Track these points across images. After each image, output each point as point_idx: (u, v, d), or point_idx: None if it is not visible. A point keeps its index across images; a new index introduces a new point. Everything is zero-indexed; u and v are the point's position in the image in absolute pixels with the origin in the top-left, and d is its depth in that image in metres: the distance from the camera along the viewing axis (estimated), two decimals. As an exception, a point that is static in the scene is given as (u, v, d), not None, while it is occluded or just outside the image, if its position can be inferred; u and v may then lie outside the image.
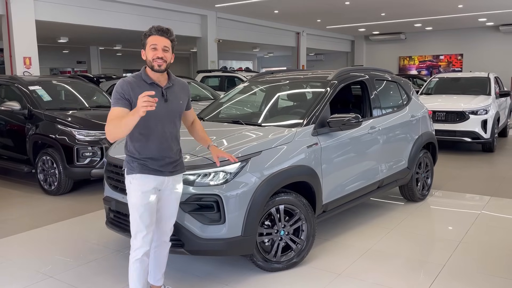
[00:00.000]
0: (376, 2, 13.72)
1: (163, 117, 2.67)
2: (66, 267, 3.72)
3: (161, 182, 2.72)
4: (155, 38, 2.61)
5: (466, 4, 14.27)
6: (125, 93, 2.59)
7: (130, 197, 2.72)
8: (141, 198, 2.67)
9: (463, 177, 6.80)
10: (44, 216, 5.15)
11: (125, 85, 2.61)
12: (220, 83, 12.08)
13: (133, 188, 2.69)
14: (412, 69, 22.90)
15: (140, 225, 2.68)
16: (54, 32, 14.31)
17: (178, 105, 2.77)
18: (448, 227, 4.60)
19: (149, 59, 2.62)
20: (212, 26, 15.11)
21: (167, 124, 2.71)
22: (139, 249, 2.71)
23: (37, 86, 6.67)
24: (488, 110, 8.45)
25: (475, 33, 20.44)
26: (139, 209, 2.67)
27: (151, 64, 2.63)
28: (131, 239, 2.74)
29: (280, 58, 27.99)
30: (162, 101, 2.66)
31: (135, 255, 2.72)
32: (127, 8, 12.51)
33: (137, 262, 2.72)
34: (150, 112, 2.48)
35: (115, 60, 26.05)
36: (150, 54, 2.61)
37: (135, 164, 2.68)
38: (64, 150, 5.80)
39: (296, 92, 4.80)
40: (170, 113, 2.71)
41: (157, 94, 2.54)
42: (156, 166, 2.69)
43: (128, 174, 2.72)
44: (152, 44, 2.61)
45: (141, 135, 2.66)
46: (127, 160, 2.73)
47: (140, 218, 2.67)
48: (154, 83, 2.66)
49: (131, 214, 2.72)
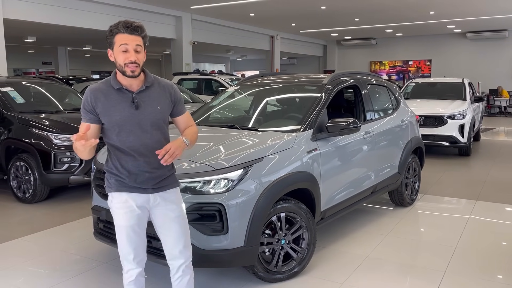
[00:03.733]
0: (352, 7, 13.85)
1: (134, 127, 2.31)
2: (50, 283, 3.45)
3: (145, 200, 2.40)
4: (124, 37, 2.22)
5: (437, 11, 14.63)
6: (89, 105, 2.31)
7: (114, 218, 2.43)
8: (125, 219, 2.37)
9: (446, 181, 6.88)
10: (19, 226, 4.83)
11: (89, 95, 2.32)
12: (197, 86, 11.86)
13: (115, 208, 2.40)
14: (383, 74, 23.31)
15: (127, 247, 2.40)
16: (22, 31, 13.68)
17: (154, 111, 2.35)
18: (440, 232, 4.60)
19: (120, 63, 2.25)
20: (187, 28, 14.87)
21: (140, 135, 2.33)
22: (132, 270, 2.45)
23: (9, 87, 6.28)
24: (465, 115, 8.62)
25: (443, 39, 21.03)
26: (124, 230, 2.38)
27: (122, 69, 2.27)
28: (121, 260, 2.47)
29: (253, 61, 27.96)
30: (132, 108, 2.31)
31: (129, 277, 2.46)
32: (100, 8, 12.11)
33: (131, 284, 2.46)
34: (118, 123, 2.30)
35: (84, 61, 25.28)
36: (121, 58, 2.24)
37: (113, 181, 2.39)
38: (40, 155, 5.47)
39: (291, 96, 4.69)
40: (143, 121, 2.32)
41: (126, 100, 2.32)
42: (134, 183, 2.37)
43: (107, 192, 2.44)
44: (122, 44, 2.23)
45: (114, 148, 2.37)
46: (106, 177, 2.44)
47: (127, 240, 2.39)
48: (122, 88, 2.32)
49: (117, 235, 2.42)
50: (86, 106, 2.33)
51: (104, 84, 2.36)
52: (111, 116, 2.31)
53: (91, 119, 2.32)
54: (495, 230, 4.69)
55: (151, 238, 3.02)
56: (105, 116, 2.32)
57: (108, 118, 2.31)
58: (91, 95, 2.33)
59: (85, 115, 2.33)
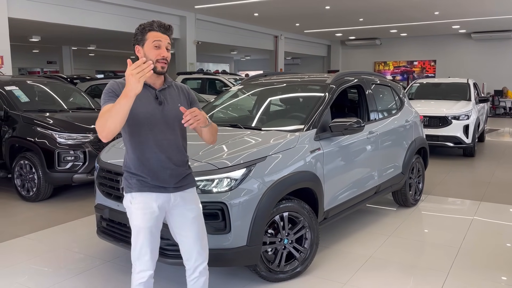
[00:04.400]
0: (356, 7, 13.82)
1: (158, 122, 2.34)
2: (54, 281, 3.46)
3: (166, 200, 2.38)
4: (158, 34, 2.28)
5: (442, 11, 14.58)
6: (116, 91, 2.25)
7: (132, 218, 2.38)
8: (144, 220, 2.34)
9: (450, 182, 6.86)
10: (23, 225, 4.84)
11: (116, 85, 2.29)
12: (201, 85, 11.87)
13: (134, 209, 2.36)
14: (387, 74, 23.25)
15: (144, 248, 2.36)
16: (26, 30, 13.75)
17: (176, 108, 2.38)
18: (444, 233, 4.58)
19: (152, 58, 2.26)
20: (191, 27, 14.88)
21: (164, 130, 2.35)
22: (144, 272, 2.39)
23: (13, 86, 6.31)
24: (470, 115, 8.59)
25: (448, 40, 20.95)
26: (142, 231, 2.34)
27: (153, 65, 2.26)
28: (133, 260, 2.42)
29: (257, 61, 27.96)
30: (156, 104, 2.34)
31: (140, 278, 2.41)
32: (104, 7, 12.15)
33: (142, 285, 2.41)
34: (143, 116, 2.28)
35: (88, 61, 25.36)
36: (153, 53, 2.27)
37: (133, 181, 2.35)
38: (44, 154, 5.49)
39: (294, 96, 4.68)
40: (166, 117, 2.36)
41: (150, 96, 2.33)
42: (157, 181, 2.36)
43: (126, 193, 2.40)
44: (156, 40, 2.27)
45: (135, 145, 2.34)
46: (125, 176, 2.41)
47: (144, 241, 2.35)
48: (146, 85, 2.32)
49: (133, 236, 2.38)
50: (112, 92, 2.26)
51: None
52: (136, 109, 2.26)
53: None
54: (499, 231, 4.66)
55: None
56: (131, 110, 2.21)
57: (133, 111, 2.23)
58: (118, 85, 2.29)
59: (111, 98, 2.23)
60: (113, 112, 2.07)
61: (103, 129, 2.11)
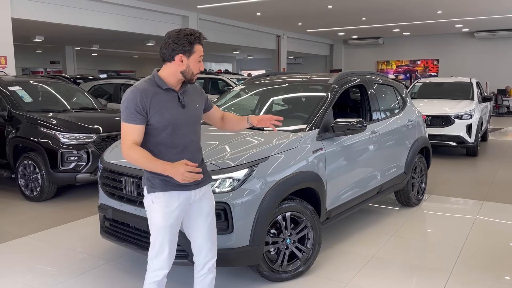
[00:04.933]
0: (358, 7, 13.81)
1: (183, 124, 2.41)
2: (58, 280, 3.48)
3: (187, 197, 2.44)
4: (201, 49, 2.36)
5: (445, 10, 14.54)
6: (142, 106, 2.29)
7: (152, 217, 2.42)
8: (165, 219, 2.39)
9: (453, 181, 6.85)
10: (27, 224, 4.87)
11: (139, 95, 2.29)
12: (204, 85, 11.88)
13: (156, 208, 2.40)
14: (390, 73, 23.20)
15: (164, 246, 2.41)
16: (30, 30, 13.80)
17: (195, 110, 2.50)
18: (447, 233, 4.57)
19: (194, 71, 2.38)
20: (194, 27, 14.56)
21: (188, 132, 2.44)
22: (159, 270, 2.43)
23: (17, 86, 6.34)
24: (473, 114, 8.56)
25: (451, 39, 20.90)
26: (162, 230, 2.39)
27: (191, 77, 2.39)
28: (150, 258, 2.46)
29: (260, 60, 27.94)
30: (179, 107, 2.40)
31: (154, 276, 2.44)
32: (107, 7, 12.16)
33: (155, 284, 2.45)
34: (169, 122, 2.35)
35: (91, 61, 25.39)
36: (196, 66, 2.38)
37: (157, 181, 2.38)
38: (47, 154, 5.52)
39: (296, 96, 4.68)
40: (189, 119, 2.44)
41: (173, 100, 2.39)
42: None
43: (149, 193, 2.42)
44: (201, 55, 2.39)
45: (161, 146, 2.39)
46: (147, 177, 2.43)
47: (163, 239, 2.40)
48: (169, 88, 2.39)
49: (153, 235, 2.42)
50: (136, 107, 2.29)
51: (149, 85, 2.37)
52: (163, 115, 2.34)
53: (141, 120, 2.31)
54: (502, 231, 4.66)
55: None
56: (157, 116, 2.33)
57: (160, 117, 2.33)
58: (142, 95, 2.30)
59: (134, 116, 2.29)
60: (147, 165, 2.30)
61: (131, 160, 2.33)
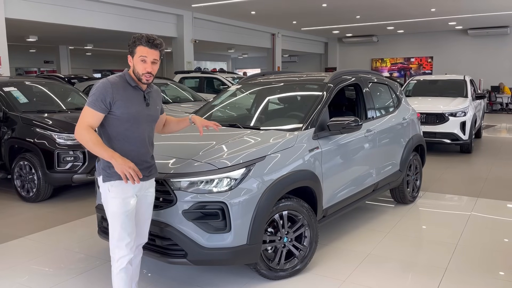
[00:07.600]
0: (353, 5, 13.84)
1: (143, 121, 2.66)
2: (55, 281, 3.49)
3: (139, 187, 2.67)
4: (145, 50, 2.55)
5: (439, 8, 14.61)
6: (108, 99, 2.52)
7: (108, 205, 2.62)
8: (122, 206, 2.59)
9: (447, 178, 6.90)
10: (23, 225, 4.87)
11: (109, 87, 2.53)
12: (199, 84, 11.87)
13: (112, 196, 2.59)
14: (384, 71, 23.27)
15: (122, 233, 2.60)
16: (23, 30, 13.73)
17: (156, 110, 2.79)
18: (442, 229, 4.62)
19: (138, 71, 2.59)
20: (188, 26, 14.87)
21: (147, 128, 2.70)
22: (123, 257, 2.63)
23: (12, 87, 6.32)
24: (467, 112, 8.63)
25: (444, 36, 20.99)
26: (120, 217, 2.59)
27: (139, 76, 2.60)
28: (112, 249, 2.64)
29: (255, 59, 27.94)
30: (144, 104, 2.66)
31: (119, 265, 2.64)
32: (101, 7, 12.12)
33: (122, 271, 2.64)
34: (132, 115, 2.57)
35: (85, 60, 25.29)
36: (140, 67, 2.58)
37: (113, 170, 2.54)
38: (43, 154, 5.51)
39: (292, 95, 4.71)
40: (150, 117, 2.71)
41: (139, 97, 2.64)
42: None
43: (105, 182, 2.61)
44: (142, 55, 2.56)
45: (121, 139, 2.61)
46: (103, 167, 2.61)
47: (122, 226, 2.59)
48: (137, 86, 2.65)
49: (111, 223, 2.61)
50: (102, 97, 2.51)
51: (120, 79, 2.62)
52: (128, 108, 2.57)
53: (103, 109, 2.52)
54: (497, 227, 4.71)
55: (155, 237, 3.08)
56: (122, 108, 2.55)
57: (125, 110, 2.56)
58: (111, 87, 2.53)
59: (97, 103, 2.51)
60: (94, 149, 2.48)
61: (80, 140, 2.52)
